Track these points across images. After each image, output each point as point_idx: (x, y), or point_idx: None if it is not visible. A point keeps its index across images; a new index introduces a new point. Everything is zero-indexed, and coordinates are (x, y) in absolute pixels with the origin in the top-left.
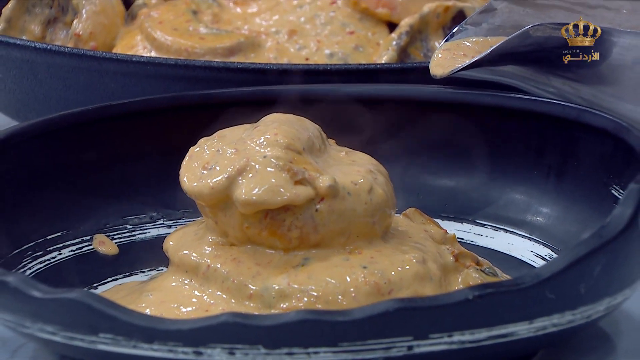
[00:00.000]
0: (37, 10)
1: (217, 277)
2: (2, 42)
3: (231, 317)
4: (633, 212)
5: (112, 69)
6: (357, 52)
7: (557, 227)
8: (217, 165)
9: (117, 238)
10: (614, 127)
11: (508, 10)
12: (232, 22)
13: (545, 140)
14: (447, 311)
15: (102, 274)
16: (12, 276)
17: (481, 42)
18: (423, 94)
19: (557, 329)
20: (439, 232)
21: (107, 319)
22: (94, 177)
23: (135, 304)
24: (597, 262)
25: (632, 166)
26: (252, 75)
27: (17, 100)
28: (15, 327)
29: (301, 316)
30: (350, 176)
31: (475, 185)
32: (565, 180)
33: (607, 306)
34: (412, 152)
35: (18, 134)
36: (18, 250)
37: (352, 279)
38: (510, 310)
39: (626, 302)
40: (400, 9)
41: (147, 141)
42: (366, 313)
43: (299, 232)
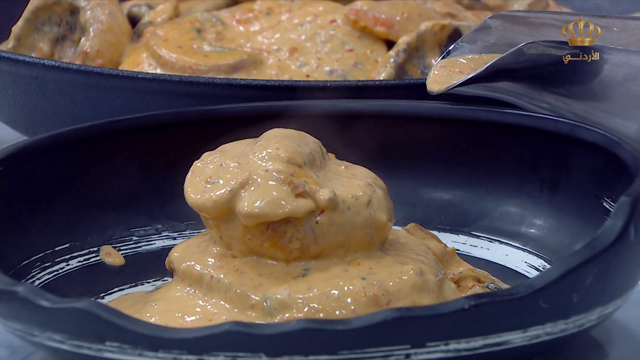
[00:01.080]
0: (46, 29)
1: (221, 287)
2: (12, 59)
3: (234, 326)
4: (624, 224)
5: (118, 86)
6: (356, 69)
7: (550, 239)
8: (220, 179)
9: (123, 249)
10: (606, 141)
11: (502, 29)
12: (235, 40)
13: (538, 154)
14: (444, 320)
15: (108, 284)
16: (21, 286)
17: (476, 59)
18: (420, 110)
19: (550, 338)
20: (439, 246)
21: (113, 328)
22: (100, 191)
23: (141, 313)
24: (589, 273)
25: (623, 179)
26: (254, 91)
27: (26, 115)
28: (24, 336)
29: (302, 325)
30: (350, 189)
31: (471, 198)
32: (558, 193)
33: (599, 315)
34: (409, 166)
35: (27, 148)
36: (27, 261)
37: (351, 290)
38: (505, 320)
39: (617, 312)
40: (398, 28)
41: (152, 155)
42: (365, 322)
43: (299, 244)
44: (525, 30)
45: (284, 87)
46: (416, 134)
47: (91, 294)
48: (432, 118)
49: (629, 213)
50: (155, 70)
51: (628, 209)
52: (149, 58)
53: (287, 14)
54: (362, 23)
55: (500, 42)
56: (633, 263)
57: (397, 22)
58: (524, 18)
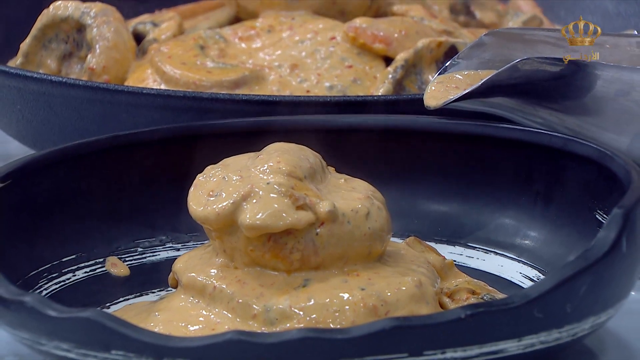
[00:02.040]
0: (53, 46)
1: (223, 297)
2: (20, 76)
3: (236, 334)
4: (616, 236)
5: (124, 101)
6: (356, 85)
7: (544, 250)
8: (223, 192)
9: (129, 260)
10: (598, 155)
11: (497, 45)
12: (237, 57)
13: (533, 168)
14: (441, 329)
15: (114, 294)
16: (29, 296)
17: (472, 75)
18: (418, 124)
19: (544, 346)
20: (438, 259)
21: (119, 337)
22: (106, 203)
23: (145, 322)
24: (582, 283)
25: (615, 192)
26: (256, 106)
27: (34, 130)
28: (32, 345)
29: (302, 334)
30: (349, 202)
31: (466, 210)
32: (552, 205)
33: (592, 325)
34: (407, 179)
35: (35, 162)
36: (35, 271)
37: (351, 300)
38: (500, 329)
39: (610, 321)
40: (396, 44)
41: (156, 169)
42: (364, 331)
43: (300, 255)
44: (519, 47)
45: (285, 102)
46: (414, 148)
47: (97, 304)
48: (430, 132)
49: (621, 225)
50: (159, 86)
51: (620, 221)
52: (153, 74)
53: (288, 31)
54: (361, 40)
55: (496, 58)
56: (625, 274)
57: (395, 39)
58: (519, 35)
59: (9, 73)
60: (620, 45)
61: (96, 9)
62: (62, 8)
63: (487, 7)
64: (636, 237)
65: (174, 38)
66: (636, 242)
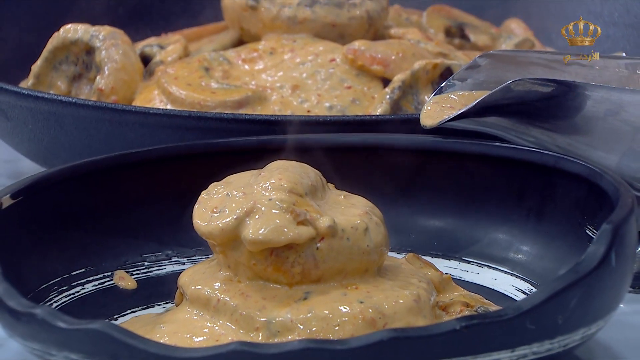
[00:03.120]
0: (64, 67)
1: (227, 309)
2: (32, 96)
3: (239, 345)
4: (606, 250)
5: (131, 121)
6: (354, 105)
7: (536, 264)
8: (227, 208)
9: (136, 274)
10: (588, 172)
11: (491, 67)
12: (240, 78)
13: (525, 185)
14: (437, 340)
15: (121, 306)
16: (39, 309)
17: (467, 95)
18: (414, 143)
19: (536, 357)
20: (436, 274)
21: (126, 348)
22: (114, 219)
23: (152, 334)
24: (573, 296)
25: (604, 208)
26: (258, 125)
27: (44, 148)
28: (42, 355)
29: (303, 345)
30: (349, 218)
31: (461, 226)
32: (544, 221)
33: (583, 336)
34: (404, 196)
35: (46, 179)
36: (45, 284)
37: (350, 312)
38: (494, 340)
39: (600, 332)
40: (393, 66)
41: (163, 186)
42: (362, 342)
43: (301, 268)
44: (512, 68)
45: (286, 121)
46: (410, 166)
47: (105, 316)
48: (426, 151)
49: (610, 240)
50: (165, 106)
51: (609, 236)
52: (160, 95)
53: (290, 54)
54: (359, 62)
55: (489, 79)
56: (614, 287)
57: (392, 61)
58: (511, 57)
59: (21, 94)
60: (610, 67)
61: (105, 32)
62: (72, 31)
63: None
64: (625, 251)
65: (179, 60)
66: (625, 257)
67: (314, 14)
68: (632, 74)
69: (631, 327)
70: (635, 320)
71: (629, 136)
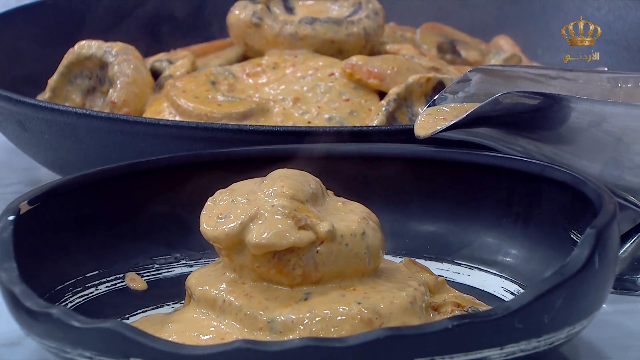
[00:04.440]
0: (78, 81)
1: (232, 309)
2: (48, 108)
3: (244, 343)
4: (589, 253)
5: (142, 131)
6: (352, 117)
7: (523, 266)
8: (232, 214)
9: (146, 276)
10: (573, 180)
11: (481, 81)
12: (245, 91)
13: (513, 192)
14: (430, 338)
15: (132, 306)
16: (55, 309)
17: (458, 107)
18: (409, 152)
19: (524, 354)
20: (432, 277)
21: (137, 346)
22: (126, 224)
23: (161, 332)
24: (558, 296)
25: (588, 214)
26: (262, 136)
27: (60, 157)
28: (58, 353)
29: (304, 343)
30: (347, 223)
31: (453, 230)
32: (531, 226)
33: (567, 334)
34: (399, 202)
35: (62, 186)
36: (61, 286)
37: (348, 313)
38: (484, 338)
39: (584, 331)
40: (389, 80)
41: (171, 193)
42: (360, 340)
43: (302, 271)
44: (501, 82)
45: (288, 132)
46: (405, 174)
47: (117, 316)
48: (419, 159)
49: (593, 244)
50: (174, 118)
51: (593, 240)
52: (169, 107)
53: (291, 68)
54: (357, 76)
55: (479, 92)
56: (597, 288)
57: (387, 75)
58: (500, 71)
59: (38, 106)
60: (593, 81)
61: (117, 48)
62: (86, 47)
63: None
64: (607, 254)
65: (187, 74)
66: (608, 259)
67: (314, 31)
68: (614, 88)
69: (613, 326)
70: (617, 320)
71: (611, 146)
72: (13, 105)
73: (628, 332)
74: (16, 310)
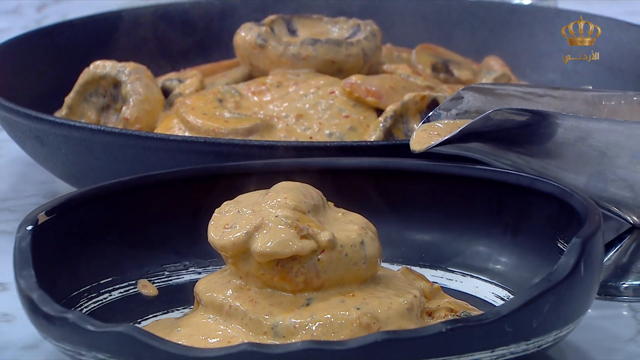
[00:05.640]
0: (93, 99)
1: (238, 314)
2: (65, 125)
3: (249, 346)
4: (575, 261)
5: (153, 146)
6: (352, 132)
7: (513, 273)
8: (238, 224)
9: (157, 282)
10: (560, 192)
11: (473, 98)
12: (250, 108)
13: (503, 203)
14: (425, 342)
15: (144, 311)
16: (71, 313)
17: (451, 124)
18: (405, 166)
19: (514, 357)
20: (427, 285)
21: (148, 348)
22: (138, 233)
23: (171, 336)
24: (546, 302)
25: (574, 224)
26: (266, 150)
27: (76, 170)
28: (73, 355)
29: (306, 346)
30: (346, 232)
31: (447, 239)
32: (520, 235)
33: (555, 337)
34: (395, 212)
35: (77, 198)
36: (76, 292)
37: (347, 318)
38: (476, 341)
39: (570, 334)
40: (386, 98)
41: (181, 204)
42: (358, 343)
43: (304, 277)
44: (491, 99)
45: (291, 147)
46: (401, 186)
47: (129, 320)
48: (415, 173)
49: (579, 252)
50: (184, 133)
51: (579, 249)
52: (179, 123)
53: (294, 87)
54: (356, 94)
55: (471, 109)
56: (583, 294)
57: (385, 93)
58: (491, 90)
59: (56, 122)
60: (578, 98)
61: (130, 67)
62: (101, 67)
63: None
64: (593, 262)
65: (196, 92)
66: (593, 267)
67: (316, 51)
68: (598, 105)
69: (598, 329)
70: (602, 324)
71: (596, 160)
72: (32, 121)
73: (612, 336)
74: (34, 315)
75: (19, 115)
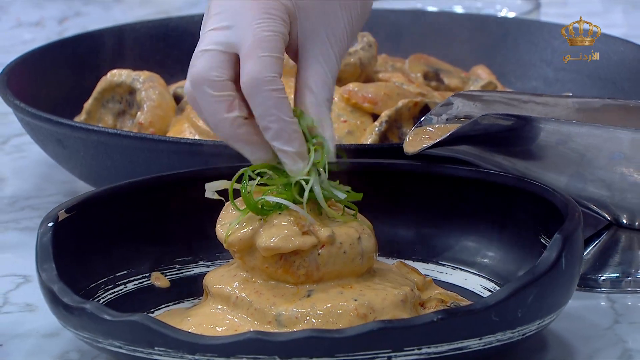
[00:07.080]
0: (110, 105)
1: (244, 305)
2: (84, 129)
3: (254, 334)
4: (557, 255)
5: (166, 149)
6: (349, 136)
7: (499, 267)
8: (244, 221)
9: (169, 275)
10: (542, 191)
11: (462, 104)
12: None
13: (490, 201)
14: (418, 330)
15: (157, 302)
16: (89, 304)
17: (442, 128)
18: (399, 167)
19: (500, 344)
20: (420, 278)
21: (160, 336)
22: (151, 229)
23: (181, 325)
24: (530, 293)
25: (556, 221)
26: None
27: (94, 172)
28: (91, 342)
29: (307, 334)
30: (344, 229)
31: (437, 235)
32: (506, 231)
33: (538, 326)
34: (390, 210)
35: (95, 197)
36: (94, 284)
37: (346, 308)
38: (465, 329)
39: (552, 323)
40: (381, 104)
41: (192, 202)
42: (356, 331)
43: (305, 271)
44: (479, 105)
45: None
46: (395, 186)
47: (143, 310)
48: (408, 173)
49: (560, 247)
50: (194, 137)
51: (560, 244)
52: (189, 127)
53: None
54: (353, 100)
55: (460, 114)
56: (564, 286)
57: (380, 99)
58: (479, 96)
59: (75, 126)
60: (560, 104)
61: (144, 76)
62: (117, 75)
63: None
64: (573, 256)
65: None
66: (573, 261)
67: None
68: (578, 110)
69: (578, 319)
70: (582, 314)
71: (576, 161)
72: (53, 125)
73: (591, 324)
74: (55, 306)
75: (42, 120)
